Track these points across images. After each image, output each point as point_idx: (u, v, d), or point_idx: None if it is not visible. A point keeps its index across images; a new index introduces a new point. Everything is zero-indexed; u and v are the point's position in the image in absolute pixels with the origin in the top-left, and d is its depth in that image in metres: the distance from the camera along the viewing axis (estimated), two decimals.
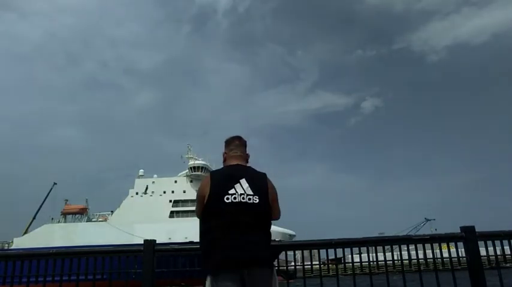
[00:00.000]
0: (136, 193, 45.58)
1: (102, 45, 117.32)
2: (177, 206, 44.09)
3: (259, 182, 2.59)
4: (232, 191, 2.47)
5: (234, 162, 2.73)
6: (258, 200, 2.50)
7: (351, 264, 3.47)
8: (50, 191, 49.18)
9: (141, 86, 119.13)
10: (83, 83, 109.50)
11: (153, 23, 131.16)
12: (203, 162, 46.57)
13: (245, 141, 2.86)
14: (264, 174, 2.68)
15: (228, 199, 2.44)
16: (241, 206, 2.44)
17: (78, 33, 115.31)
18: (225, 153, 2.82)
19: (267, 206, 2.53)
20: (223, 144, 2.88)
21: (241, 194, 2.47)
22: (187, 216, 43.03)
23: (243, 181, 2.53)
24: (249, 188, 2.51)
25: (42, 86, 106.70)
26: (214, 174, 2.63)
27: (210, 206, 2.46)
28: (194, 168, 45.68)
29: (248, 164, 2.79)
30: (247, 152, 2.85)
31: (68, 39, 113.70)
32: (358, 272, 3.51)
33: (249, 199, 2.48)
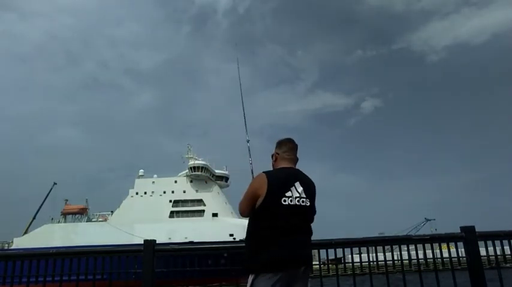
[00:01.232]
0: (137, 193, 45.55)
1: (102, 45, 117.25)
2: (177, 206, 44.08)
3: (310, 186, 2.66)
4: (289, 193, 2.52)
5: (287, 164, 2.75)
6: (309, 204, 2.58)
7: (351, 264, 3.47)
8: (50, 191, 49.18)
9: (141, 86, 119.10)
10: (83, 83, 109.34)
11: (153, 23, 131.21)
12: (203, 162, 46.54)
13: (297, 146, 2.88)
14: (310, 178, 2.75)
15: (285, 201, 2.49)
16: (296, 209, 2.50)
17: (78, 33, 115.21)
18: (277, 154, 2.83)
19: (314, 209, 2.65)
20: (275, 144, 2.88)
21: (296, 197, 2.53)
22: (187, 216, 43.08)
23: (298, 184, 2.58)
24: (303, 192, 2.58)
25: (42, 86, 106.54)
26: (271, 175, 2.61)
27: (266, 207, 2.47)
28: (194, 168, 45.65)
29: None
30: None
31: (68, 39, 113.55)
32: (358, 272, 3.51)
33: (303, 202, 2.55)
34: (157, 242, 3.38)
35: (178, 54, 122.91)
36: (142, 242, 3.34)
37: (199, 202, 44.15)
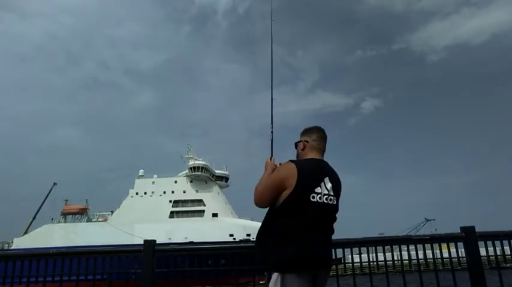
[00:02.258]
0: (137, 193, 45.56)
1: (102, 45, 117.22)
2: (177, 206, 44.08)
3: (338, 183, 2.48)
4: (318, 189, 2.33)
5: (316, 155, 2.53)
6: (335, 202, 2.42)
7: (351, 264, 3.47)
8: (50, 191, 49.24)
9: (141, 86, 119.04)
10: (83, 83, 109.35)
11: (153, 23, 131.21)
12: (203, 162, 46.54)
13: (327, 137, 2.64)
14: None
15: (313, 197, 2.30)
16: (323, 207, 2.33)
17: (78, 34, 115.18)
18: (306, 141, 2.57)
19: (338, 208, 2.47)
20: (301, 132, 2.65)
21: (324, 195, 2.34)
22: (187, 216, 43.08)
23: (327, 180, 2.39)
24: (332, 189, 2.39)
25: (42, 86, 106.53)
26: (301, 167, 2.35)
27: (293, 202, 2.28)
28: (194, 168, 45.65)
29: None
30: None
31: (68, 39, 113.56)
32: (358, 272, 3.51)
33: (330, 200, 2.37)
34: (157, 242, 3.38)
35: (179, 55, 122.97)
36: (142, 242, 3.34)
37: (199, 202, 44.14)
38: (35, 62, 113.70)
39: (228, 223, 41.27)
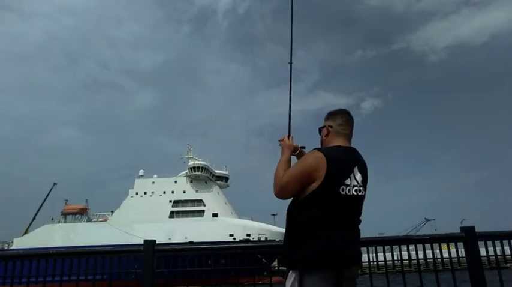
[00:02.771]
0: (137, 193, 45.53)
1: (102, 45, 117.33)
2: (177, 207, 44.06)
3: (366, 172, 2.28)
4: (348, 181, 2.14)
5: (343, 142, 2.30)
6: (363, 193, 2.23)
7: None
8: (50, 191, 49.23)
9: (141, 87, 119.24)
10: (83, 84, 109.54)
11: (153, 24, 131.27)
12: (203, 162, 46.53)
13: (353, 120, 2.40)
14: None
15: (343, 190, 2.11)
16: (352, 200, 2.15)
17: (78, 34, 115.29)
18: (330, 127, 2.34)
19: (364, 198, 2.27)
20: (326, 117, 2.40)
21: (354, 186, 2.15)
22: (187, 216, 43.06)
23: (356, 170, 2.19)
24: (361, 179, 2.20)
25: (43, 86, 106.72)
26: (330, 155, 2.15)
27: (321, 195, 2.09)
28: (194, 168, 45.63)
29: None
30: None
31: (68, 39, 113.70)
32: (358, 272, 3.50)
33: (359, 192, 2.18)
34: (157, 242, 3.38)
35: (179, 55, 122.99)
36: (142, 242, 3.34)
37: (199, 202, 44.13)
38: (35, 62, 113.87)
39: (228, 223, 41.25)
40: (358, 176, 2.18)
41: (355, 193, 2.15)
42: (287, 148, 2.44)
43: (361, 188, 2.19)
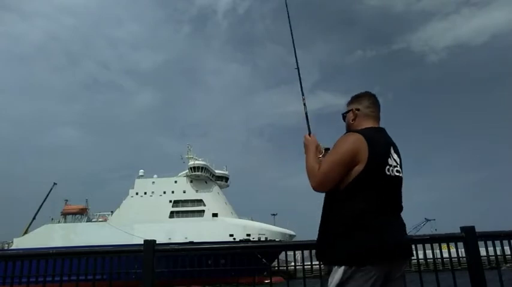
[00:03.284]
0: (137, 193, 45.56)
1: (102, 45, 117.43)
2: (177, 207, 44.09)
3: (399, 152, 2.16)
4: (390, 161, 2.01)
5: (374, 124, 2.17)
6: (401, 174, 2.09)
7: None
8: (50, 191, 49.29)
9: (141, 87, 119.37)
10: (83, 84, 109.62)
11: (153, 24, 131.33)
12: (203, 162, 46.56)
13: (380, 104, 2.27)
14: None
15: (388, 170, 1.97)
16: (396, 182, 2.01)
17: (78, 34, 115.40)
18: (357, 110, 2.19)
19: None
20: (351, 100, 2.27)
21: (394, 167, 2.02)
22: (187, 216, 43.07)
23: (392, 150, 2.07)
24: (398, 160, 2.08)
25: (43, 86, 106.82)
26: (370, 136, 1.99)
27: (367, 179, 1.92)
28: (194, 168, 45.65)
29: None
30: None
31: (68, 39, 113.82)
32: None
33: (398, 172, 2.04)
34: (157, 242, 3.38)
35: (179, 55, 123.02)
36: (142, 242, 3.34)
37: (199, 202, 44.15)
38: (35, 62, 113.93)
39: (228, 223, 41.26)
40: (395, 156, 2.07)
41: (397, 174, 2.02)
42: (311, 143, 2.26)
43: (399, 169, 2.06)
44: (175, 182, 46.26)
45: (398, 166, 2.05)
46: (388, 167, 1.97)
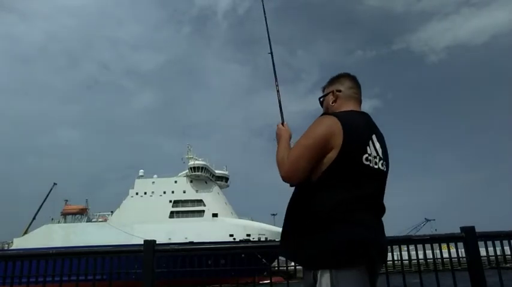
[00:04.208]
0: (137, 193, 45.54)
1: (103, 46, 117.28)
2: (177, 207, 44.06)
3: (385, 143, 1.88)
4: (368, 150, 1.73)
5: (356, 107, 1.92)
6: (386, 169, 1.82)
7: None
8: (50, 191, 49.24)
9: (141, 87, 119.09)
10: (83, 84, 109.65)
11: (154, 24, 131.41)
12: (203, 162, 46.55)
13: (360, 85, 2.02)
14: None
15: (366, 159, 1.70)
16: (375, 175, 1.74)
17: (78, 35, 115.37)
18: (338, 91, 1.95)
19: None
20: (329, 82, 2.05)
21: (374, 157, 1.74)
22: (187, 216, 43.06)
23: (375, 138, 1.79)
24: (381, 150, 1.79)
25: (43, 87, 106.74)
26: (346, 119, 1.72)
27: (342, 166, 1.66)
28: (194, 168, 45.63)
29: None
30: None
31: (69, 40, 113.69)
32: None
33: (382, 165, 1.78)
34: (157, 242, 3.38)
35: (179, 55, 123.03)
36: (142, 243, 3.34)
37: (199, 202, 44.12)
38: (35, 63, 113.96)
39: (228, 223, 41.25)
40: (378, 146, 1.78)
41: (376, 167, 1.73)
42: (284, 132, 2.01)
43: (383, 162, 1.79)
44: (175, 182, 46.23)
45: (379, 157, 1.77)
46: (366, 155, 1.70)
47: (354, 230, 1.61)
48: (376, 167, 1.74)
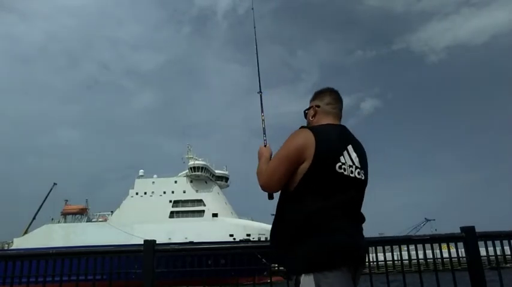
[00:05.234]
0: (137, 193, 45.55)
1: (103, 46, 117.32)
2: (177, 207, 44.08)
3: (364, 152, 2.00)
4: (342, 159, 1.83)
5: (332, 120, 2.04)
6: (364, 177, 1.92)
7: None
8: (50, 191, 49.26)
9: (141, 87, 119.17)
10: (83, 84, 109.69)
11: (154, 24, 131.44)
12: (203, 162, 46.56)
13: (342, 99, 2.14)
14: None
15: (340, 167, 1.80)
16: (352, 183, 1.84)
17: (78, 35, 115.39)
18: (317, 106, 2.10)
19: (366, 184, 1.96)
20: (312, 96, 2.18)
21: (349, 166, 1.84)
22: (187, 216, 43.07)
23: (351, 149, 1.89)
24: (357, 160, 1.89)
25: (43, 87, 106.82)
26: (318, 131, 1.86)
27: (315, 177, 1.77)
28: (194, 168, 45.64)
29: None
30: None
31: (69, 40, 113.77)
32: None
33: (358, 174, 1.87)
34: (157, 242, 3.38)
35: (179, 55, 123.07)
36: (142, 243, 3.34)
37: (199, 202, 44.13)
38: (35, 63, 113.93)
39: (228, 223, 41.26)
40: (354, 155, 1.88)
41: (352, 175, 1.83)
42: (266, 151, 2.16)
43: (360, 171, 1.88)
44: (175, 182, 46.24)
45: (355, 166, 1.86)
46: (339, 164, 1.80)
47: (331, 236, 1.72)
48: (352, 175, 1.85)
